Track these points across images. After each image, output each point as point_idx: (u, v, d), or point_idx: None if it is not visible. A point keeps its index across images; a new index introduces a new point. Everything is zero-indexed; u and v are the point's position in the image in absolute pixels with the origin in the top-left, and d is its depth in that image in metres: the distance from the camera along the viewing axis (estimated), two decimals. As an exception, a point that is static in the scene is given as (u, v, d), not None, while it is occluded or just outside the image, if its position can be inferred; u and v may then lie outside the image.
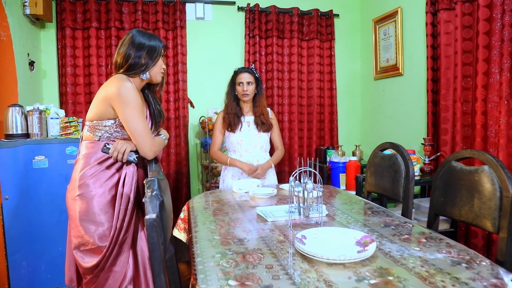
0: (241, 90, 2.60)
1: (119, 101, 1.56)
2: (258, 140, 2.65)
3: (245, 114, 2.68)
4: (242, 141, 2.62)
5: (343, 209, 1.84)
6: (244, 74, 2.60)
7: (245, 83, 2.59)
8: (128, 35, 1.71)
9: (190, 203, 2.05)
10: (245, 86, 2.59)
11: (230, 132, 2.62)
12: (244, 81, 2.59)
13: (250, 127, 2.65)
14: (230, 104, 2.65)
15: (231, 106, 2.64)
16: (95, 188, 1.58)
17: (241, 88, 2.59)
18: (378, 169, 2.07)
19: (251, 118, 2.68)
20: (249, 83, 2.59)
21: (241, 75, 2.60)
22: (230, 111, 2.63)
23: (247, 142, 2.62)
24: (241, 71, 2.63)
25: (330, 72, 4.08)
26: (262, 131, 2.65)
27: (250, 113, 2.70)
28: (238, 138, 2.62)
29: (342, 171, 3.35)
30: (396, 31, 3.55)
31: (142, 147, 1.60)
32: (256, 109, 2.67)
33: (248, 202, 2.01)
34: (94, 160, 1.60)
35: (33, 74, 3.25)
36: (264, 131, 2.65)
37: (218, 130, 2.67)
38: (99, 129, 1.63)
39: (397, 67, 3.57)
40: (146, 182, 1.14)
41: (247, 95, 2.60)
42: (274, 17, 3.85)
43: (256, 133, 2.64)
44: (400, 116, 3.59)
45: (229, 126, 2.61)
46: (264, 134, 2.67)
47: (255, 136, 2.64)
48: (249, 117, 2.68)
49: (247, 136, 2.63)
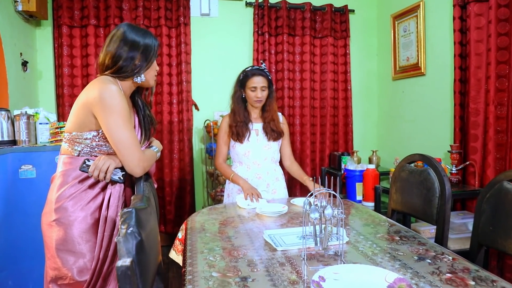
0: (254, 96, 2.24)
1: (101, 107, 1.31)
2: (268, 151, 2.33)
3: (253, 121, 2.35)
4: (250, 152, 2.30)
5: (366, 233, 1.57)
6: (258, 78, 2.23)
7: (259, 88, 2.23)
8: (117, 30, 1.45)
9: (188, 222, 1.80)
10: (258, 92, 2.23)
11: (236, 142, 2.30)
12: (258, 86, 2.22)
13: (258, 136, 2.33)
14: (238, 109, 2.30)
15: (239, 112, 2.30)
16: (75, 211, 1.33)
17: (254, 94, 2.23)
18: (406, 185, 1.79)
19: (260, 125, 2.36)
20: (263, 89, 2.25)
21: (255, 79, 2.22)
22: (238, 118, 2.29)
23: (255, 154, 2.31)
24: (254, 73, 2.23)
25: (345, 72, 3.80)
26: (272, 139, 2.33)
27: (259, 120, 2.38)
28: (244, 149, 2.30)
29: (359, 180, 3.08)
30: (417, 27, 3.26)
31: (129, 162, 1.35)
32: (266, 114, 2.34)
33: (255, 222, 1.76)
34: (73, 178, 1.36)
35: (26, 75, 3.04)
36: (274, 140, 2.34)
37: (223, 140, 2.34)
38: (79, 142, 1.38)
39: (418, 66, 3.28)
40: (121, 214, 0.89)
41: (260, 101, 2.28)
42: (284, 13, 3.59)
43: (265, 143, 2.33)
44: (421, 120, 3.30)
45: (236, 136, 2.28)
46: (274, 144, 2.35)
47: (264, 147, 2.33)
48: (257, 124, 2.36)
49: (255, 147, 2.31)
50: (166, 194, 3.49)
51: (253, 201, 2.06)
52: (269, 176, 2.33)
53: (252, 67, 2.30)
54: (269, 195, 2.32)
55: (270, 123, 2.32)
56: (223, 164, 2.35)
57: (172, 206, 3.51)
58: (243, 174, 2.30)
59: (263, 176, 2.31)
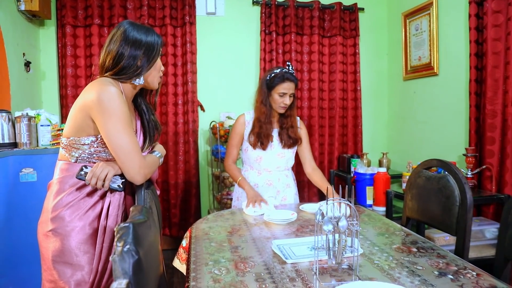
0: (281, 102, 2.09)
1: (99, 111, 1.23)
2: (281, 159, 2.21)
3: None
4: (262, 159, 2.19)
5: (380, 244, 1.48)
6: (290, 84, 2.08)
7: (289, 95, 2.09)
8: (118, 29, 1.36)
9: (193, 230, 1.72)
10: (287, 98, 2.09)
11: (250, 145, 2.18)
12: (288, 92, 2.08)
13: (273, 143, 2.20)
14: (267, 117, 2.12)
15: (267, 118, 2.13)
16: (73, 221, 1.26)
17: (282, 100, 2.09)
18: (423, 192, 1.70)
19: (276, 131, 2.23)
20: (291, 95, 2.11)
21: (287, 84, 2.07)
22: (266, 126, 2.13)
23: (267, 161, 2.19)
24: (287, 78, 2.07)
25: (354, 72, 3.70)
26: (287, 147, 2.20)
27: (275, 124, 2.25)
28: (257, 155, 2.18)
29: (369, 183, 2.98)
30: (430, 25, 3.15)
31: (129, 169, 1.26)
32: (285, 120, 2.20)
33: (263, 230, 1.67)
34: (70, 186, 1.28)
35: (29, 76, 2.98)
36: (288, 147, 2.21)
37: (235, 141, 2.21)
38: (77, 147, 1.30)
39: (431, 66, 3.17)
40: (117, 230, 0.81)
41: (286, 108, 2.15)
42: (292, 12, 3.50)
43: (279, 151, 2.20)
44: (434, 122, 3.19)
45: (260, 144, 2.14)
46: (288, 151, 2.22)
47: (278, 155, 2.20)
48: (274, 130, 2.23)
49: (269, 154, 2.19)
50: (171, 197, 3.42)
51: (255, 207, 1.96)
52: (280, 182, 2.24)
53: (282, 69, 2.13)
54: (278, 202, 2.23)
55: (288, 129, 2.19)
56: (232, 165, 2.24)
57: (177, 209, 3.44)
58: (254, 179, 2.21)
59: (274, 183, 2.22)
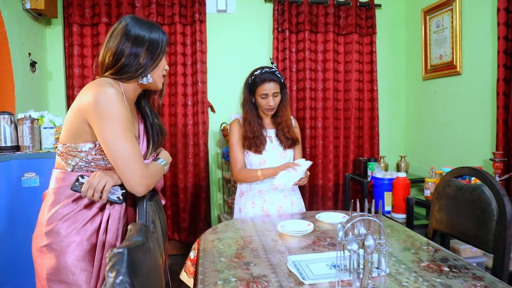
0: (265, 104, 2.00)
1: (96, 115, 1.12)
2: (284, 159, 2.09)
3: (266, 127, 2.13)
4: (265, 162, 2.07)
5: (407, 261, 1.33)
6: (269, 84, 1.97)
7: (271, 95, 1.98)
8: (119, 24, 1.25)
9: (201, 241, 1.60)
10: (270, 100, 1.98)
11: (250, 151, 2.06)
12: (270, 93, 1.98)
13: (273, 143, 2.10)
14: (252, 118, 2.06)
15: (254, 121, 2.05)
16: (69, 235, 1.15)
17: (265, 101, 1.99)
18: (453, 204, 1.54)
19: (273, 131, 2.13)
20: (275, 95, 2.00)
21: (265, 85, 1.97)
22: (255, 128, 2.04)
23: (271, 163, 2.06)
24: (264, 79, 1.97)
25: (371, 71, 3.55)
26: (287, 147, 2.09)
27: (271, 125, 2.15)
28: (260, 158, 2.07)
29: (388, 189, 2.82)
30: (453, 22, 2.98)
31: (129, 179, 1.14)
32: (278, 120, 2.10)
33: (277, 243, 1.54)
34: (65, 197, 1.17)
35: (35, 76, 2.90)
36: (288, 147, 2.10)
37: (238, 146, 2.08)
38: (73, 155, 1.19)
39: (453, 64, 3.00)
40: (109, 257, 0.69)
41: (273, 109, 2.05)
42: (306, 9, 3.36)
43: (281, 151, 2.09)
44: (456, 124, 3.02)
45: (254, 148, 2.03)
46: (289, 151, 2.12)
47: (280, 155, 2.09)
48: (270, 130, 2.13)
49: (271, 156, 2.07)
50: (180, 201, 3.31)
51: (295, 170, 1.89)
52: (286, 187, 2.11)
53: (261, 69, 2.02)
54: (287, 206, 2.11)
55: (284, 130, 2.08)
56: (242, 170, 2.08)
57: (186, 213, 3.33)
58: (257, 185, 2.08)
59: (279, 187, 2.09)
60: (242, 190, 2.15)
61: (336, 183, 3.54)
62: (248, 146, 2.05)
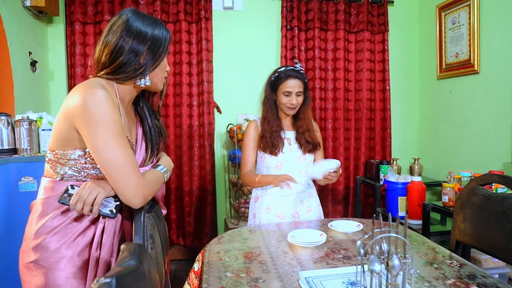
0: (288, 102, 1.90)
1: (84, 119, 1.01)
2: (303, 163, 1.98)
3: (285, 129, 2.02)
4: (282, 165, 1.95)
5: (431, 278, 1.21)
6: (294, 81, 1.88)
7: (295, 94, 1.89)
8: (120, 17, 1.13)
9: (206, 252, 1.49)
10: (294, 98, 1.89)
11: (266, 153, 1.96)
12: (294, 90, 1.88)
13: (291, 146, 1.98)
14: (271, 117, 1.96)
15: (273, 120, 1.95)
16: (59, 250, 1.04)
17: (288, 99, 1.90)
18: (481, 214, 1.41)
19: (292, 133, 2.02)
20: (298, 94, 1.90)
21: (290, 82, 1.88)
22: (272, 128, 1.94)
23: (288, 166, 1.95)
24: (289, 75, 1.89)
25: (383, 70, 3.41)
26: (307, 152, 1.98)
27: (290, 127, 2.04)
28: (277, 161, 1.95)
29: (402, 193, 2.69)
30: (470, 18, 2.84)
31: (123, 191, 1.03)
32: (300, 123, 2.00)
33: (288, 256, 1.42)
34: (54, 209, 1.06)
35: (36, 76, 2.81)
36: (309, 152, 1.99)
37: (250, 148, 1.99)
38: (62, 163, 1.08)
39: (470, 63, 2.86)
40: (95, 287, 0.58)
41: (294, 109, 1.94)
42: (316, 6, 3.24)
43: (300, 154, 1.98)
44: (473, 125, 2.88)
45: (270, 148, 1.93)
46: (309, 155, 2.00)
47: (299, 159, 1.98)
48: (289, 132, 2.02)
49: (289, 158, 1.96)
50: (185, 204, 3.21)
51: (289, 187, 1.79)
52: (302, 192, 1.99)
53: (286, 67, 1.94)
54: (304, 213, 1.99)
55: (304, 133, 1.97)
56: (249, 172, 1.99)
57: (191, 217, 3.22)
58: (272, 190, 1.97)
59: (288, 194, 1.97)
60: (257, 195, 2.04)
61: (347, 186, 3.41)
62: (264, 147, 1.95)
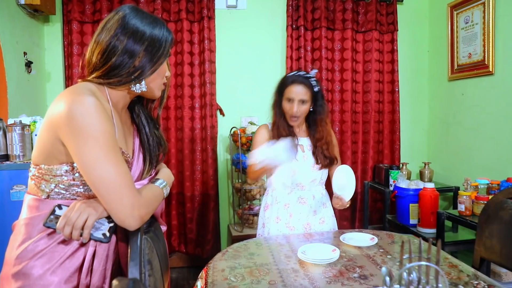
0: (288, 109, 1.78)
1: (70, 131, 0.88)
2: (316, 172, 1.85)
3: (297, 135, 1.88)
4: (295, 172, 1.83)
5: (461, 304, 1.09)
6: (297, 87, 1.74)
7: (297, 101, 1.75)
8: (116, 14, 1.00)
9: (209, 271, 1.37)
10: (295, 105, 1.75)
11: None
12: (296, 98, 1.75)
13: (305, 153, 1.85)
14: (281, 123, 1.83)
15: (282, 126, 1.82)
16: (44, 277, 0.92)
17: (289, 106, 1.77)
18: (509, 231, 1.29)
19: (305, 140, 1.89)
20: (302, 102, 1.76)
21: (293, 88, 1.75)
22: (282, 134, 1.80)
23: (301, 174, 1.83)
24: (294, 80, 1.76)
25: (392, 71, 3.29)
26: (323, 167, 1.85)
27: (303, 133, 1.91)
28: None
29: (413, 200, 2.57)
30: (484, 17, 2.72)
31: (117, 211, 0.90)
32: (317, 135, 1.85)
33: (298, 275, 1.30)
34: (39, 231, 0.94)
35: (31, 77, 2.70)
36: (325, 167, 1.86)
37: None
38: (47, 179, 0.96)
39: (485, 64, 2.74)
40: None
41: (296, 118, 1.80)
42: (323, 4, 3.12)
43: (313, 163, 1.85)
44: (486, 129, 2.76)
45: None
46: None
47: (313, 167, 1.85)
48: (303, 139, 1.89)
49: (302, 167, 1.83)
50: (187, 210, 3.09)
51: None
52: (315, 201, 1.86)
53: (296, 72, 1.82)
54: (316, 224, 1.87)
55: (322, 147, 1.83)
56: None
57: (193, 224, 3.11)
58: (284, 199, 1.85)
59: (308, 201, 1.85)
60: (267, 203, 1.92)
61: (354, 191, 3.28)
62: None
